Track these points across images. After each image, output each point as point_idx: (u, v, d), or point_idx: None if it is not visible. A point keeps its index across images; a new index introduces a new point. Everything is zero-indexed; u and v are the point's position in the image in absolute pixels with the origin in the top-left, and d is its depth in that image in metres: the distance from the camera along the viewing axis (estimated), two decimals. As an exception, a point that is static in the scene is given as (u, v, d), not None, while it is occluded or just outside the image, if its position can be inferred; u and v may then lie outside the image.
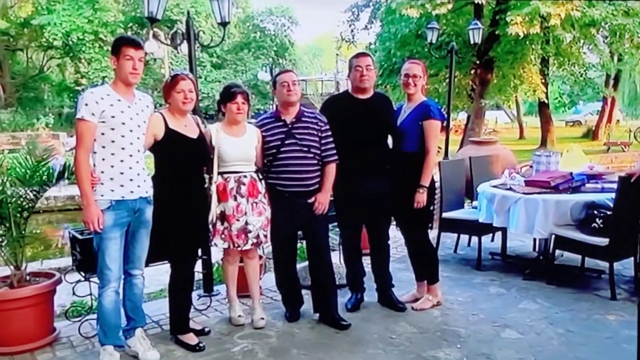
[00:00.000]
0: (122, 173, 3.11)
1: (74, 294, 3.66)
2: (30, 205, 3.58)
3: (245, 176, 3.60)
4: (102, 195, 3.07)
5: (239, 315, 3.85)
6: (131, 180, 3.14)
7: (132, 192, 3.14)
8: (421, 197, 3.82)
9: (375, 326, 3.78)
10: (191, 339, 3.51)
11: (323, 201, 3.68)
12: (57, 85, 32.52)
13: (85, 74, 28.12)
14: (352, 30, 20.13)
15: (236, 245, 3.63)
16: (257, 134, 3.68)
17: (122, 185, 3.11)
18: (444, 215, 5.36)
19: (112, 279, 3.14)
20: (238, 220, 3.58)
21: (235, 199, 3.57)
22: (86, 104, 3.00)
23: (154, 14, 4.18)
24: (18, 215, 3.53)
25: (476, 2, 12.51)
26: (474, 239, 5.42)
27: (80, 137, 3.04)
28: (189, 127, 3.44)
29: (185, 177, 3.42)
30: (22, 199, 3.55)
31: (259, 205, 3.63)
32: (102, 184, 3.08)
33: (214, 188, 3.56)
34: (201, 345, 3.46)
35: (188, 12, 5.04)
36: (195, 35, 4.41)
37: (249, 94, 3.72)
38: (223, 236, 3.62)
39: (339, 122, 3.76)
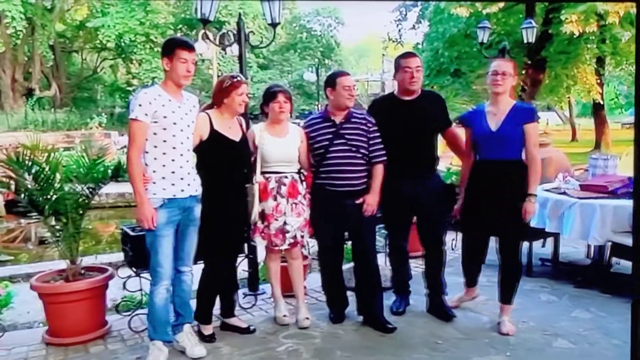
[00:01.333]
0: (173, 172, 3.17)
1: (124, 288, 3.76)
2: (85, 201, 3.69)
3: (286, 177, 3.64)
4: (154, 194, 3.13)
5: (284, 315, 3.86)
6: (182, 179, 3.20)
7: (182, 190, 3.20)
8: (532, 208, 3.52)
9: (420, 330, 3.73)
10: (208, 329, 3.61)
11: (372, 202, 3.65)
12: (110, 85, 33.64)
13: (136, 75, 28.93)
14: (399, 30, 20.02)
15: (274, 244, 3.68)
16: (300, 134, 3.71)
17: (173, 184, 3.17)
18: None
19: (165, 276, 3.20)
20: (276, 219, 3.62)
21: (275, 199, 3.61)
22: (140, 105, 3.06)
23: (206, 15, 4.24)
24: (74, 211, 3.64)
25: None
26: (524, 243, 5.26)
27: (133, 136, 3.10)
28: (233, 129, 3.49)
29: (225, 179, 3.45)
30: (78, 196, 3.66)
31: (299, 206, 3.66)
32: (154, 182, 3.14)
33: (256, 187, 3.59)
34: (214, 337, 3.58)
35: (239, 14, 5.10)
36: (246, 37, 4.45)
37: (291, 94, 3.74)
38: (262, 235, 3.68)
39: (384, 125, 3.72)
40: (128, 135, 3.17)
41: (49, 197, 3.58)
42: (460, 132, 4.01)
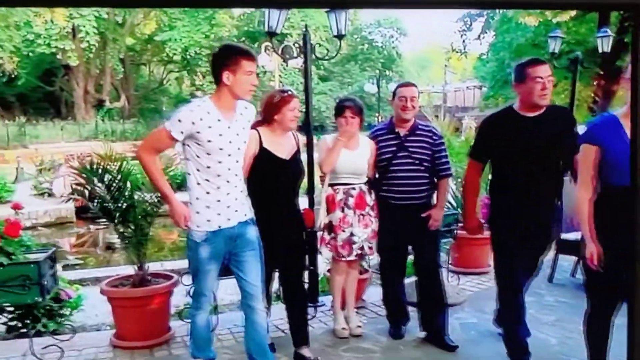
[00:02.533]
0: (219, 200, 2.79)
1: (187, 295, 3.82)
2: (154, 210, 3.77)
3: (353, 188, 3.62)
4: (197, 227, 2.80)
5: (343, 328, 3.82)
6: (228, 207, 2.82)
7: (229, 219, 2.83)
8: None
9: (484, 349, 3.60)
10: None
11: (438, 217, 3.59)
12: (175, 97, 34.76)
13: (200, 87, 29.81)
14: (463, 41, 19.74)
15: (340, 255, 3.65)
16: (370, 147, 3.67)
17: (219, 214, 2.80)
18: (563, 236, 4.99)
19: (208, 304, 3.06)
20: (344, 231, 3.60)
21: (343, 210, 3.59)
22: (179, 120, 2.69)
23: (273, 27, 4.29)
24: (142, 219, 3.73)
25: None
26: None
27: (155, 142, 2.84)
28: (284, 145, 3.28)
29: (268, 196, 3.25)
30: (147, 204, 3.75)
31: (366, 217, 3.63)
32: (197, 212, 2.79)
33: (323, 198, 3.59)
34: (273, 348, 3.36)
35: (306, 26, 5.16)
36: (312, 49, 4.48)
37: (362, 107, 3.65)
38: (329, 246, 3.66)
39: (501, 145, 3.17)
40: (150, 136, 2.98)
41: (119, 205, 3.70)
42: None
